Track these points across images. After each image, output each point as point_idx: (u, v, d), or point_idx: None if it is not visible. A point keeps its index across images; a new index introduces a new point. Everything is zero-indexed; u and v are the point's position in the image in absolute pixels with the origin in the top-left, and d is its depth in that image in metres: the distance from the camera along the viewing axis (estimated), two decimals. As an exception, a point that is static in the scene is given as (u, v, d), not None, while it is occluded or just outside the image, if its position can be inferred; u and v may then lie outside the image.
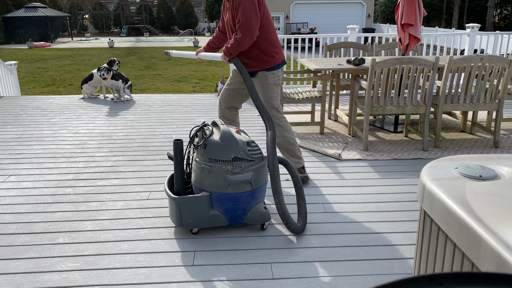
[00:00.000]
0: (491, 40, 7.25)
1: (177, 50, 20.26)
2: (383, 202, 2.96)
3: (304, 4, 24.77)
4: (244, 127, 4.92)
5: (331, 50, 5.39)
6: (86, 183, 3.31)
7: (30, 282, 2.08)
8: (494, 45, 7.11)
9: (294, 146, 3.19)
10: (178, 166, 2.48)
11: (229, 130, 2.45)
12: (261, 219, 2.51)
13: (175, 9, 37.72)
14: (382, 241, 2.44)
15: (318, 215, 2.75)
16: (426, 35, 6.76)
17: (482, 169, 1.10)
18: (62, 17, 29.99)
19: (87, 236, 2.52)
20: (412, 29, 4.60)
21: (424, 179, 1.10)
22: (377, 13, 32.28)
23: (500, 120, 4.08)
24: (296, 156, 3.22)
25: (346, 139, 4.34)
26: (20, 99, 6.55)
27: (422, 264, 1.14)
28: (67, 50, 20.82)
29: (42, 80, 11.48)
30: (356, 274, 2.14)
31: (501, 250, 0.77)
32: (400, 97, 3.96)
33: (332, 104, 5.72)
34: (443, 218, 0.98)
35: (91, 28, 39.43)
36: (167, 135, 4.61)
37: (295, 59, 7.20)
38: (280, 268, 2.19)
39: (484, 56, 3.80)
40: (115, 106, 6.05)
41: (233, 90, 3.29)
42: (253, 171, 2.42)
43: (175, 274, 2.14)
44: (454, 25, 27.07)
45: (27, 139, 4.48)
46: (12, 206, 2.91)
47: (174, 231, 2.55)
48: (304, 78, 4.39)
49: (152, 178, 3.41)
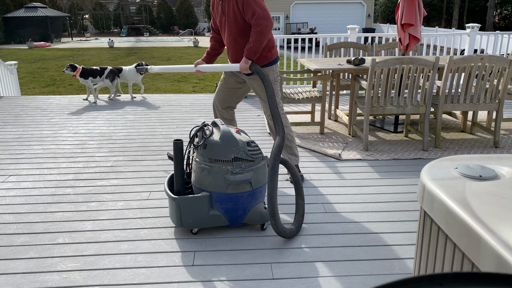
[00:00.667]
0: (491, 40, 7.25)
1: (177, 50, 20.23)
2: (383, 202, 2.96)
3: (304, 4, 24.77)
4: (244, 127, 4.92)
5: (331, 50, 5.39)
6: (86, 183, 3.31)
7: (30, 282, 2.08)
8: (494, 45, 7.11)
9: (292, 143, 3.22)
10: (178, 166, 2.48)
11: (229, 130, 2.45)
12: (261, 219, 2.51)
13: (175, 9, 37.72)
14: (382, 241, 2.44)
15: (318, 215, 2.75)
16: (426, 35, 6.76)
17: (482, 169, 1.10)
18: (62, 17, 29.98)
19: (87, 236, 2.52)
20: (412, 29, 4.60)
21: (424, 179, 1.10)
22: (377, 13, 32.28)
23: (500, 120, 4.08)
24: (293, 154, 3.24)
25: (346, 139, 4.34)
26: (20, 99, 6.55)
27: (422, 264, 1.14)
28: (67, 50, 20.82)
29: (42, 80, 11.47)
30: (356, 274, 2.14)
31: (501, 250, 0.77)
32: (400, 97, 3.96)
33: (332, 104, 5.72)
34: (443, 218, 0.98)
35: (91, 28, 39.42)
36: (167, 135, 4.61)
37: (295, 59, 7.20)
38: (280, 268, 2.19)
39: (484, 56, 3.80)
40: (115, 106, 6.05)
41: (228, 89, 3.27)
42: (253, 171, 2.42)
43: (175, 274, 2.14)
44: (454, 25, 27.07)
45: (27, 139, 4.48)
46: (12, 206, 2.91)
47: (174, 231, 2.55)
48: (304, 78, 4.39)
49: (152, 178, 3.41)
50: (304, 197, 2.64)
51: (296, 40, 15.21)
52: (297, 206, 2.60)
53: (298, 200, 2.62)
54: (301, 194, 2.63)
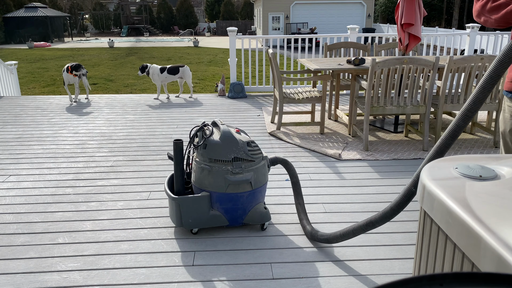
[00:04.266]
0: (491, 40, 7.25)
1: (177, 50, 20.20)
2: (383, 202, 2.96)
3: (304, 4, 24.77)
4: (244, 127, 4.92)
5: (331, 50, 5.39)
6: (86, 183, 3.31)
7: (30, 282, 2.08)
8: (494, 45, 7.11)
9: None
10: (178, 166, 2.48)
11: (229, 130, 2.45)
12: (261, 219, 2.51)
13: (175, 9, 37.73)
14: (382, 241, 2.44)
15: (318, 215, 2.75)
16: (426, 35, 6.76)
17: (482, 169, 1.10)
18: (62, 17, 29.99)
19: (87, 236, 2.52)
20: (412, 28, 4.60)
21: (424, 179, 1.10)
22: (377, 13, 32.27)
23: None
24: None
25: (346, 139, 4.34)
26: (20, 99, 6.55)
27: (422, 264, 1.14)
28: (67, 50, 20.82)
29: (42, 80, 11.47)
30: (356, 274, 2.14)
31: (501, 250, 0.77)
32: (400, 97, 3.96)
33: (332, 104, 5.72)
34: (443, 218, 0.98)
35: (91, 28, 39.43)
36: (167, 135, 4.61)
37: (295, 59, 7.20)
38: (280, 268, 2.19)
39: (484, 56, 3.79)
40: (115, 106, 6.05)
41: None
42: (253, 171, 2.42)
43: (175, 274, 2.14)
44: (454, 25, 27.07)
45: (27, 139, 4.48)
46: (12, 206, 2.91)
47: (174, 231, 2.55)
48: (304, 78, 4.39)
49: (152, 178, 3.41)
50: (303, 197, 2.64)
51: (296, 40, 15.21)
52: (299, 206, 2.58)
53: (299, 200, 2.61)
54: (300, 193, 2.63)
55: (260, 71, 11.29)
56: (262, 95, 6.74)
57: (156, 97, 6.52)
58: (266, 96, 6.66)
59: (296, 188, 2.64)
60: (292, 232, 2.53)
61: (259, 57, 14.74)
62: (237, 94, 6.55)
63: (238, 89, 6.54)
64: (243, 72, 6.81)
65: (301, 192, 2.64)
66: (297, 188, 2.64)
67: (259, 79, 8.44)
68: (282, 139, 4.39)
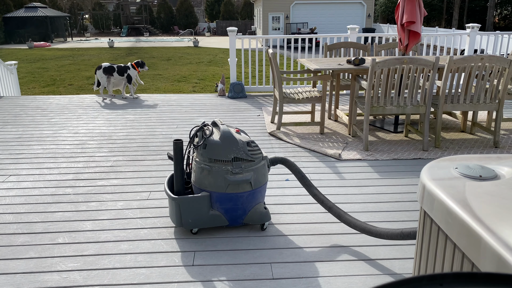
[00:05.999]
0: (491, 40, 7.25)
1: (177, 50, 20.20)
2: (383, 202, 2.96)
3: (304, 4, 24.76)
4: (244, 127, 4.92)
5: (331, 50, 5.39)
6: (86, 183, 3.31)
7: (30, 282, 2.08)
8: (494, 45, 7.11)
9: None
10: (178, 166, 2.48)
11: (229, 130, 2.45)
12: (261, 219, 2.51)
13: (175, 9, 37.73)
14: (382, 241, 2.44)
15: (318, 215, 2.75)
16: (426, 35, 6.76)
17: (482, 169, 1.10)
18: (62, 17, 29.98)
19: (87, 236, 2.52)
20: (413, 26, 4.59)
21: (424, 179, 1.10)
22: (377, 13, 32.27)
23: (500, 120, 4.08)
24: None
25: (346, 139, 4.34)
26: (20, 99, 6.55)
27: (422, 264, 1.14)
28: (67, 50, 20.81)
29: (42, 80, 11.47)
30: (356, 274, 2.14)
31: (501, 250, 0.77)
32: (400, 97, 3.96)
33: (332, 104, 5.72)
34: (443, 218, 0.98)
35: (91, 28, 39.42)
36: (167, 135, 4.61)
37: (295, 59, 7.20)
38: (280, 268, 2.19)
39: (484, 56, 3.79)
40: (115, 106, 6.05)
41: None
42: (253, 171, 2.42)
43: (175, 274, 2.14)
44: (454, 25, 27.06)
45: (27, 139, 4.48)
46: (12, 206, 2.91)
47: (174, 231, 2.55)
48: (304, 78, 4.39)
49: (152, 178, 3.41)
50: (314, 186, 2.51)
51: (296, 40, 15.21)
52: (315, 197, 2.52)
53: (313, 191, 2.54)
54: (311, 184, 2.55)
55: (260, 71, 11.29)
56: (262, 95, 6.74)
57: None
58: (266, 96, 6.66)
59: (305, 181, 2.57)
60: (292, 232, 2.53)
61: (259, 57, 14.74)
62: (237, 94, 6.55)
63: (238, 89, 6.54)
64: (243, 72, 6.81)
65: (311, 183, 2.57)
66: (305, 181, 2.56)
67: (259, 79, 8.44)
68: (282, 139, 4.39)
